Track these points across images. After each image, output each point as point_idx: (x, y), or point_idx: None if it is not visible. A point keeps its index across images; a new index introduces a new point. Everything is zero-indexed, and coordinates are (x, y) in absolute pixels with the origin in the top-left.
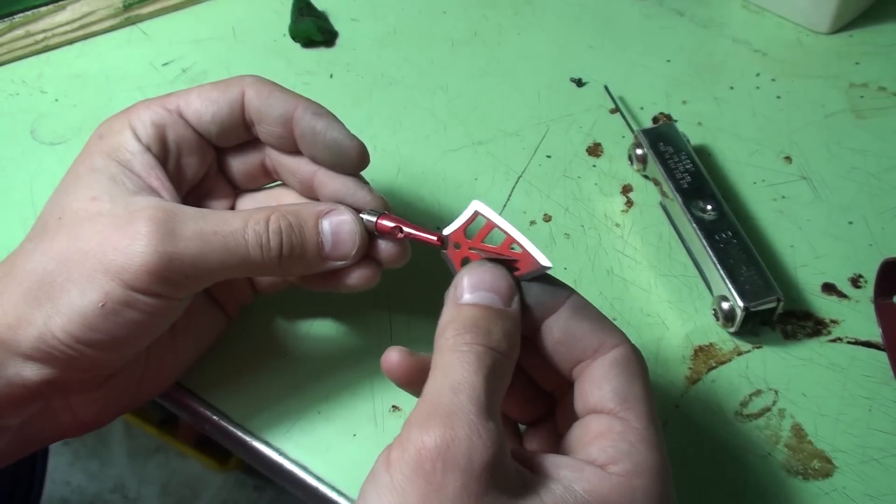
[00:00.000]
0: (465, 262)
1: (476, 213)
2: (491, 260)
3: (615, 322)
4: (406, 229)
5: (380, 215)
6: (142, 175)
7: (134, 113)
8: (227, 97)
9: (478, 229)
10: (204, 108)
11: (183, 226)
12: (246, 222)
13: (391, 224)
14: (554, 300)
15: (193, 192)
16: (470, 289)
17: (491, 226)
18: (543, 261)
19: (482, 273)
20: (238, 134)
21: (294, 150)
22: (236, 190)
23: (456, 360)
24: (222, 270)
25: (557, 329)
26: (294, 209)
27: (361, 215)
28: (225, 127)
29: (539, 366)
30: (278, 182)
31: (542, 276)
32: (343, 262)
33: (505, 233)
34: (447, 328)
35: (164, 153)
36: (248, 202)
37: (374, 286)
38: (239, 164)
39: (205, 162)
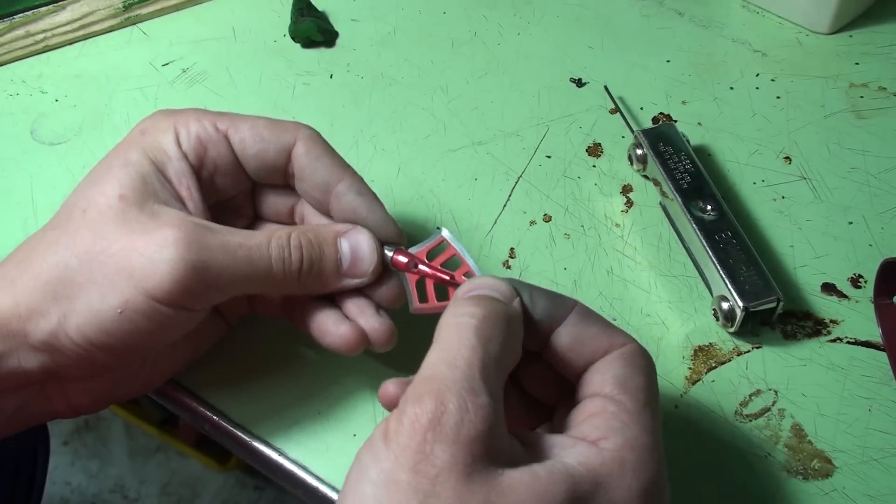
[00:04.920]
0: (420, 283)
1: (442, 240)
2: (442, 280)
3: (615, 322)
4: (422, 267)
5: (396, 250)
6: (173, 181)
7: (182, 119)
8: (277, 141)
9: (440, 254)
10: (251, 141)
11: (210, 237)
12: (270, 237)
13: (406, 260)
14: (561, 310)
15: (219, 207)
16: (470, 288)
17: (452, 252)
18: None
19: (483, 279)
20: (276, 178)
21: (326, 213)
22: (257, 215)
23: (454, 333)
24: (244, 283)
25: (567, 335)
26: (314, 228)
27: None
28: (265, 168)
29: (540, 381)
30: None
31: (547, 290)
32: (359, 281)
33: (462, 260)
34: (448, 308)
35: (199, 165)
36: (266, 225)
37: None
38: (270, 199)
39: (237, 187)
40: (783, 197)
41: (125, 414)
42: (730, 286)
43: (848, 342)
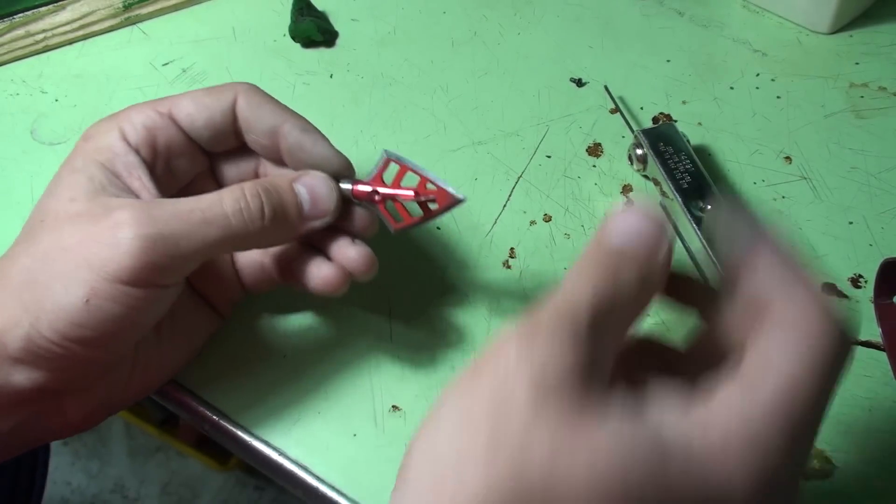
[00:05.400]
0: (389, 205)
1: (388, 160)
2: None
3: None
4: (382, 191)
5: (353, 182)
6: (122, 175)
7: (125, 116)
8: (219, 104)
9: (393, 176)
10: (197, 112)
11: (160, 209)
12: (221, 194)
13: (367, 189)
14: (753, 240)
15: (182, 194)
16: (619, 233)
17: (405, 170)
18: (458, 194)
19: (633, 219)
20: (229, 140)
21: (280, 160)
22: None
23: (576, 276)
24: (206, 246)
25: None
26: (267, 178)
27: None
28: (217, 132)
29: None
30: None
31: (745, 213)
32: (323, 220)
33: (418, 174)
34: (582, 256)
35: (153, 156)
36: None
37: (365, 286)
38: (231, 172)
39: (195, 166)
40: (783, 197)
41: (125, 414)
42: None
43: None
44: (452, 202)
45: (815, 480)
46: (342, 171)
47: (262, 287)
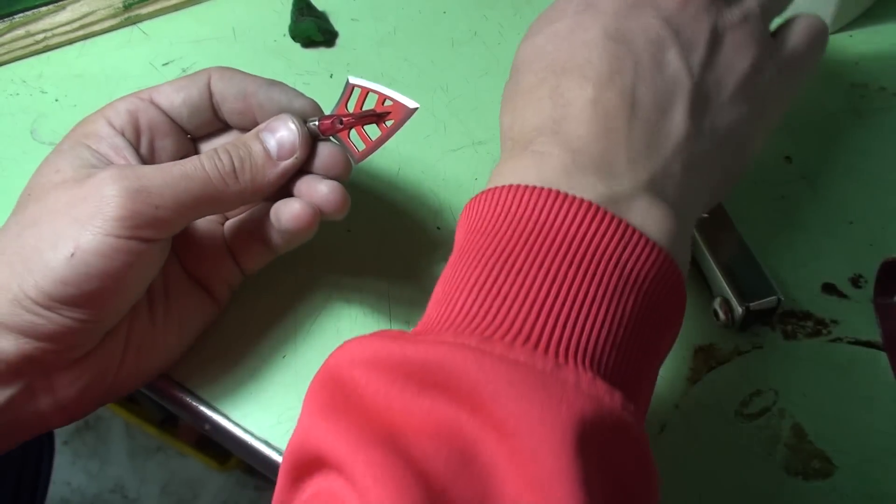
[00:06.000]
0: (353, 136)
1: (352, 87)
2: (366, 118)
3: None
4: (346, 119)
5: (321, 118)
6: (108, 155)
7: (109, 106)
8: (195, 83)
9: (356, 101)
10: (175, 93)
11: (143, 168)
12: (199, 157)
13: (330, 121)
14: None
15: None
16: None
17: (365, 92)
18: (411, 104)
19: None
20: (208, 118)
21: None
22: None
23: None
24: (189, 198)
25: None
26: (238, 136)
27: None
28: (195, 109)
29: None
30: None
31: None
32: (295, 158)
33: (376, 93)
34: None
35: (136, 136)
36: None
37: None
38: None
39: (179, 147)
40: (783, 197)
41: (125, 414)
42: (730, 286)
43: (848, 342)
44: (406, 113)
45: (815, 480)
46: (310, 112)
47: (254, 259)
